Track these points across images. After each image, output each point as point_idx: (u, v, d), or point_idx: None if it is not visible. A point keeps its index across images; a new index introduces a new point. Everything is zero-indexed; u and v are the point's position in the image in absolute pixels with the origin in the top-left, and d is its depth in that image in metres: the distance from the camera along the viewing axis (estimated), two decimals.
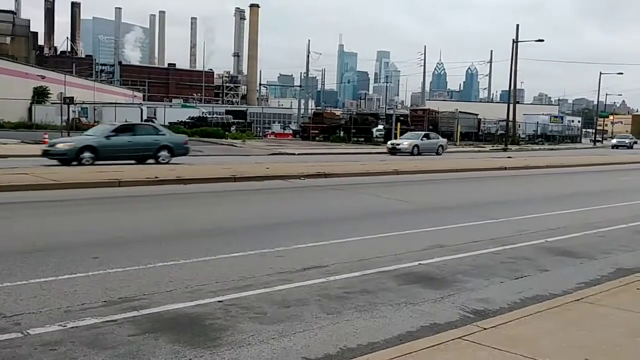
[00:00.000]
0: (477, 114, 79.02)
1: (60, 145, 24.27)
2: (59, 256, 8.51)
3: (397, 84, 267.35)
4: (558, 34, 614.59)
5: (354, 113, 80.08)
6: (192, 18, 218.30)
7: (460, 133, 65.39)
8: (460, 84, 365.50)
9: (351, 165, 27.49)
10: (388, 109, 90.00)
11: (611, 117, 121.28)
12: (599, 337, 5.67)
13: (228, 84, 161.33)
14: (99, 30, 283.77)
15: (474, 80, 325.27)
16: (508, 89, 68.47)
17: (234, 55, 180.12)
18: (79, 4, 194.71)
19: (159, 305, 6.53)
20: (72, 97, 40.18)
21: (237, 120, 67.52)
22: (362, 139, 58.30)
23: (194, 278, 7.63)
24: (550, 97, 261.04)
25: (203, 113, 68.02)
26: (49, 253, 8.70)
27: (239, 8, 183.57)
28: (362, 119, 63.74)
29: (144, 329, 5.84)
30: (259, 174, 21.17)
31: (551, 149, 64.59)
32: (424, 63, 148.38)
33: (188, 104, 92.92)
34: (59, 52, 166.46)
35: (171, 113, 67.57)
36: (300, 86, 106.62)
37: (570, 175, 28.51)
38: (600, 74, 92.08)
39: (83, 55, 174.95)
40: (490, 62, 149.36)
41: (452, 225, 12.32)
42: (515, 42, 63.34)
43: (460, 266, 8.85)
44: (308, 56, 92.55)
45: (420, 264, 8.87)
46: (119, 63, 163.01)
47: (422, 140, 41.96)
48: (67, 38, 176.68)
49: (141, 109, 69.18)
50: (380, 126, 63.09)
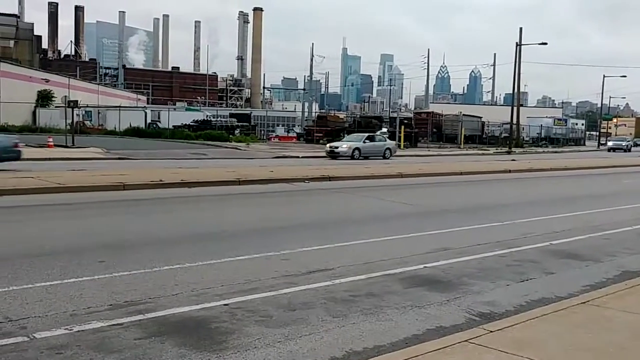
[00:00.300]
0: (481, 117, 79.03)
1: None
2: (64, 260, 8.53)
3: (401, 87, 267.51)
4: (561, 37, 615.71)
5: (358, 116, 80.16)
6: (196, 22, 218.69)
7: (464, 136, 65.39)
8: (463, 87, 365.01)
9: (355, 168, 27.48)
10: (392, 112, 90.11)
11: (615, 120, 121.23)
12: (605, 340, 5.66)
13: (232, 88, 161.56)
14: (102, 33, 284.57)
15: (478, 83, 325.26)
16: (512, 92, 68.34)
17: (238, 59, 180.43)
18: (83, 8, 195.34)
19: (164, 309, 6.54)
20: (77, 101, 40.21)
21: (241, 124, 67.55)
22: None
23: (200, 281, 7.64)
24: (554, 100, 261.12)
25: (207, 116, 67.99)
26: (54, 257, 8.72)
27: (242, 12, 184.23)
28: (366, 122, 63.71)
29: (150, 333, 5.85)
30: (264, 177, 21.19)
31: (555, 152, 64.55)
32: (428, 66, 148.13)
33: (192, 107, 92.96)
34: (62, 56, 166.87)
35: (175, 116, 67.64)
36: (304, 89, 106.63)
37: (574, 178, 28.47)
38: (604, 76, 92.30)
39: (87, 59, 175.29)
40: (493, 65, 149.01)
41: (457, 228, 12.30)
42: (518, 45, 63.36)
43: (465, 269, 8.84)
44: (312, 59, 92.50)
45: (425, 266, 8.86)
46: (123, 66, 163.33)
47: (365, 143, 38.69)
48: (71, 42, 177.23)
49: (145, 113, 69.30)
50: (384, 129, 62.94)
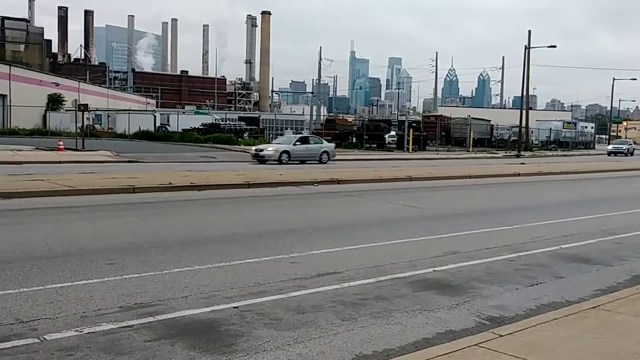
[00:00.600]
0: (490, 120, 78.84)
1: None
2: (75, 262, 8.57)
3: (409, 90, 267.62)
4: (570, 40, 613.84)
5: (366, 119, 79.88)
6: (204, 25, 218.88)
7: (473, 139, 65.24)
8: (472, 90, 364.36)
9: (364, 171, 27.47)
10: (400, 115, 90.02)
11: (625, 123, 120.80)
12: (616, 345, 5.63)
13: (240, 91, 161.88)
14: (112, 37, 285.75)
15: (486, 87, 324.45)
16: (520, 95, 68.18)
17: (246, 62, 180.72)
18: (92, 12, 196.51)
19: (174, 311, 6.56)
20: (87, 104, 40.35)
21: (250, 127, 67.59)
22: (375, 145, 58.18)
23: (209, 284, 7.66)
24: (563, 103, 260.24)
25: (216, 120, 68.10)
26: (65, 259, 8.77)
27: (250, 15, 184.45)
28: (375, 126, 63.62)
29: (160, 335, 5.87)
30: (273, 180, 21.22)
31: (564, 155, 64.30)
32: (436, 69, 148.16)
33: (201, 111, 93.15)
34: (72, 60, 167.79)
35: (184, 120, 67.75)
36: (312, 93, 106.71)
37: (584, 181, 28.33)
38: (614, 79, 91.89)
39: (96, 63, 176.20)
40: (502, 69, 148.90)
41: (466, 232, 12.28)
42: (527, 48, 63.21)
43: (474, 273, 8.82)
44: (320, 63, 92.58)
45: (434, 270, 8.85)
46: (132, 70, 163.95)
47: (296, 145, 35.15)
48: (81, 45, 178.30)
49: (154, 116, 69.45)
50: (393, 132, 62.97)
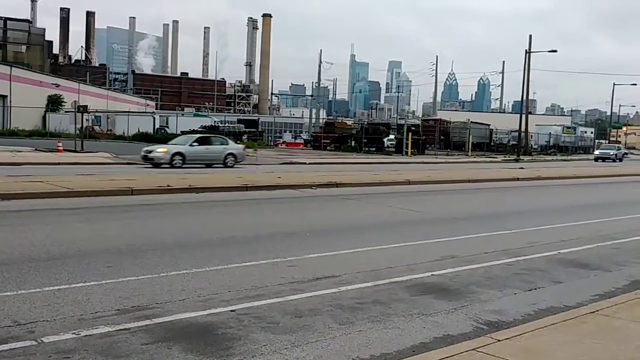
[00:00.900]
0: (489, 124, 78.92)
1: None
2: (73, 264, 8.56)
3: (409, 94, 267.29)
4: (570, 44, 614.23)
5: (366, 123, 80.00)
6: (205, 27, 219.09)
7: (472, 143, 65.30)
8: (472, 94, 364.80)
9: (363, 174, 27.47)
10: (399, 119, 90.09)
11: (625, 129, 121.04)
12: (614, 351, 5.62)
13: (240, 93, 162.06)
14: (113, 39, 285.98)
15: (486, 91, 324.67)
16: (520, 100, 68.22)
17: (246, 65, 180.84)
18: (94, 14, 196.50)
19: (172, 314, 6.55)
20: (86, 106, 40.34)
21: (249, 130, 67.72)
22: (374, 149, 58.27)
23: (207, 287, 7.64)
24: (562, 108, 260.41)
25: (215, 122, 68.17)
26: (63, 261, 8.75)
27: (251, 18, 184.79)
28: (374, 129, 63.68)
29: (157, 338, 5.85)
30: (271, 183, 21.21)
31: (564, 160, 64.29)
32: (436, 73, 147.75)
33: (200, 113, 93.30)
34: (73, 61, 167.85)
35: (183, 122, 67.89)
36: (311, 96, 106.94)
37: (583, 186, 28.34)
38: (614, 84, 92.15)
39: (97, 64, 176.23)
40: (502, 73, 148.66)
41: (465, 236, 12.27)
42: (527, 53, 63.28)
43: (473, 277, 8.82)
44: (320, 66, 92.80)
45: (432, 274, 8.84)
46: (132, 72, 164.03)
47: (193, 146, 30.92)
48: (82, 47, 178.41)
49: (154, 118, 69.60)
50: (392, 136, 63.08)
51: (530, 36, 63.46)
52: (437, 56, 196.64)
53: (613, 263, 10.31)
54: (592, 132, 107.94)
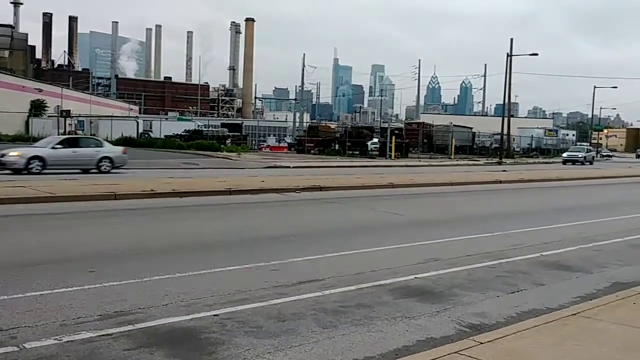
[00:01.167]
0: (472, 128, 79.42)
1: None
2: (55, 269, 8.49)
3: (392, 98, 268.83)
4: (552, 47, 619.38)
5: (349, 126, 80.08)
6: (189, 32, 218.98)
7: (455, 146, 65.61)
8: (454, 98, 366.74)
9: (347, 178, 27.48)
10: (383, 122, 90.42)
11: (606, 131, 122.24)
12: (596, 352, 5.67)
13: (224, 97, 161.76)
14: (95, 43, 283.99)
15: (469, 94, 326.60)
16: (502, 103, 68.70)
17: (230, 69, 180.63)
18: (77, 18, 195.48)
19: (154, 319, 6.52)
20: (69, 110, 40.24)
21: (233, 134, 67.49)
22: (357, 152, 58.31)
23: (190, 292, 7.62)
24: (544, 111, 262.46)
25: (199, 126, 67.97)
26: (45, 266, 8.69)
27: (234, 22, 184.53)
28: (357, 132, 63.80)
29: (140, 343, 5.82)
30: (255, 187, 21.17)
31: (546, 163, 64.78)
32: (419, 77, 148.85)
33: (184, 117, 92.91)
34: (56, 66, 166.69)
35: (167, 126, 67.61)
36: (295, 99, 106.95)
37: (565, 189, 28.57)
38: (595, 87, 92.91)
39: (80, 69, 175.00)
40: (484, 76, 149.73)
41: (448, 239, 12.33)
42: (509, 56, 63.68)
43: (456, 280, 8.86)
44: (303, 69, 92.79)
45: (416, 277, 8.87)
46: (116, 76, 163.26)
47: (57, 148, 26.72)
48: (65, 51, 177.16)
49: (137, 122, 69.15)
50: (375, 139, 63.10)
51: (511, 39, 63.78)
52: (420, 60, 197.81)
53: (595, 265, 10.40)
54: (574, 135, 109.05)
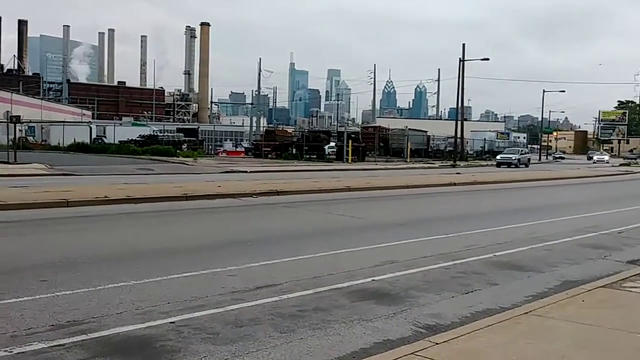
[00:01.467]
0: (427, 131, 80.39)
1: None
2: (4, 279, 8.28)
3: (348, 102, 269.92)
4: (503, 52, 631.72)
5: (306, 130, 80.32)
6: (142, 36, 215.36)
7: (411, 150, 66.32)
8: (409, 102, 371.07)
9: (304, 182, 27.51)
10: (340, 126, 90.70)
11: (555, 134, 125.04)
12: (546, 349, 5.81)
13: (179, 102, 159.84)
14: (46, 48, 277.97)
15: (423, 98, 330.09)
16: (456, 107, 69.77)
17: (185, 74, 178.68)
18: (27, 22, 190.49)
19: (108, 328, 6.41)
20: (19, 116, 39.21)
21: (189, 139, 66.94)
22: (315, 156, 58.52)
23: (145, 299, 7.52)
24: (496, 114, 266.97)
25: (154, 131, 67.15)
26: None
27: (189, 26, 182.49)
28: (314, 137, 63.98)
29: (93, 353, 5.72)
30: (211, 192, 21.01)
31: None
32: (374, 81, 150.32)
33: (139, 122, 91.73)
34: (5, 70, 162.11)
35: (121, 131, 66.66)
36: (252, 104, 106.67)
37: (517, 190, 29.16)
38: (544, 91, 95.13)
39: (30, 73, 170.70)
40: (438, 81, 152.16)
41: (404, 241, 12.45)
42: (462, 61, 64.82)
43: (412, 282, 8.95)
44: (259, 74, 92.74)
45: (373, 280, 8.93)
46: (68, 81, 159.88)
47: None
48: (14, 56, 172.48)
49: (90, 128, 67.97)
50: (332, 143, 63.36)
51: (463, 45, 65.04)
52: (375, 65, 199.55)
53: (545, 264, 10.64)
54: (525, 138, 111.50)
